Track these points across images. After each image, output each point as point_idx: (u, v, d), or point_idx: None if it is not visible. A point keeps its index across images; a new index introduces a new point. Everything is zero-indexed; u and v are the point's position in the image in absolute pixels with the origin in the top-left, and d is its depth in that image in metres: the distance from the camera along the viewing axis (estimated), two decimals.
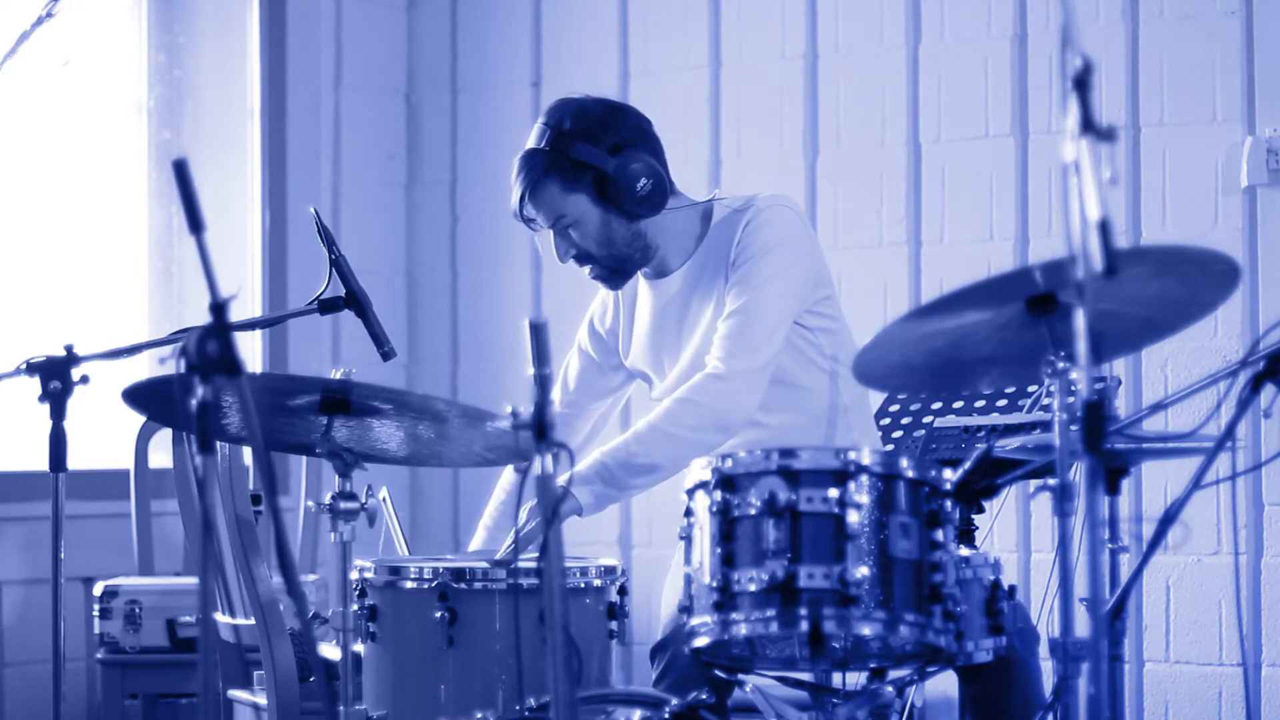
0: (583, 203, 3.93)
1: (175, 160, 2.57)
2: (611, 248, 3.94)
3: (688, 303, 3.98)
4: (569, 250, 3.96)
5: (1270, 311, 4.74)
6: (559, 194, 3.92)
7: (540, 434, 2.79)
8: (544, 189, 3.92)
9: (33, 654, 5.16)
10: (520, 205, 3.95)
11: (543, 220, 3.94)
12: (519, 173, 3.95)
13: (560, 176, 3.92)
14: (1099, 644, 2.88)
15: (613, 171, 3.89)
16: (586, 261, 3.98)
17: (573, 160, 3.91)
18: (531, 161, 3.94)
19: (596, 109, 3.98)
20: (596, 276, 4.01)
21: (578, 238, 3.94)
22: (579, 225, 3.93)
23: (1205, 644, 4.86)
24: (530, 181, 3.93)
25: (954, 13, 5.22)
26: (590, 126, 3.95)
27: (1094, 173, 2.45)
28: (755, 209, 3.94)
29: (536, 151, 3.94)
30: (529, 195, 3.93)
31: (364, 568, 3.53)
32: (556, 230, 3.94)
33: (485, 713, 3.31)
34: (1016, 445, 3.29)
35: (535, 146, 3.95)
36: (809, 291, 3.91)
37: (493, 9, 5.94)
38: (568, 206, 3.93)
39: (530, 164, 3.94)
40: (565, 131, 3.94)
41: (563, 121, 3.95)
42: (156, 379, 3.44)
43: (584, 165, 3.91)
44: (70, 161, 5.54)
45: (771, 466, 3.00)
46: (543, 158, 3.93)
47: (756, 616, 2.97)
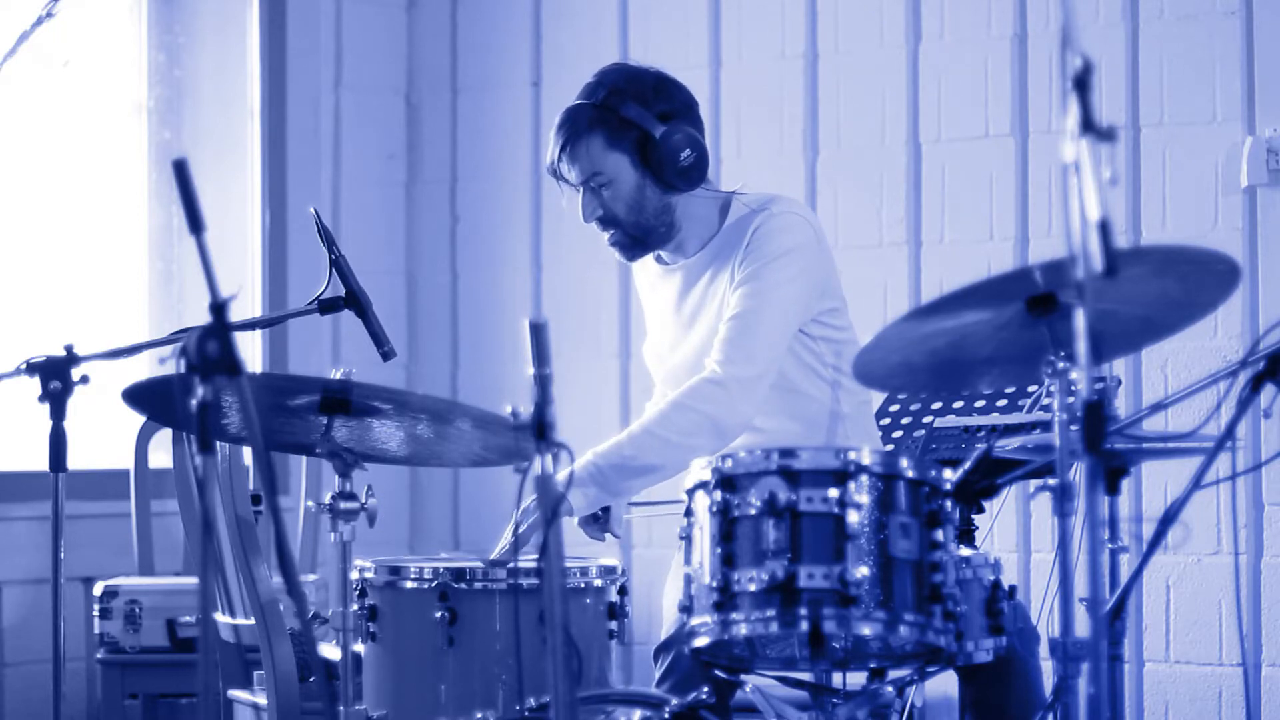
0: (622, 163, 3.90)
1: (175, 160, 2.57)
2: (640, 215, 3.90)
3: (693, 294, 3.97)
4: (595, 210, 3.91)
5: (1270, 311, 4.73)
6: (600, 150, 3.89)
7: (540, 434, 2.79)
8: (586, 142, 3.88)
9: (33, 654, 5.16)
10: (558, 156, 3.90)
11: (577, 175, 3.89)
12: (562, 124, 3.91)
13: (605, 132, 3.89)
14: (1099, 644, 2.88)
15: (659, 137, 3.87)
16: (610, 226, 3.92)
17: (621, 118, 3.89)
18: (578, 113, 3.91)
19: (650, 75, 3.97)
20: (615, 243, 3.95)
21: (608, 198, 3.90)
22: (613, 185, 3.89)
23: (1205, 644, 4.86)
24: (573, 133, 3.89)
25: (954, 13, 5.22)
26: (643, 90, 3.93)
27: (1094, 173, 2.45)
28: (769, 213, 3.91)
29: (585, 105, 3.91)
30: (569, 146, 3.89)
31: (364, 568, 3.53)
32: (588, 187, 3.90)
33: (485, 713, 3.31)
34: (1016, 445, 3.29)
35: (585, 100, 3.91)
36: (814, 302, 3.89)
37: (493, 9, 5.94)
38: (606, 164, 3.89)
39: (576, 116, 3.90)
40: (617, 89, 3.92)
41: (617, 80, 3.93)
42: (156, 379, 3.44)
43: (631, 125, 3.89)
44: (70, 161, 5.54)
45: (772, 466, 3.00)
46: (590, 111, 3.90)
47: (756, 616, 2.97)
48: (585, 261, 5.74)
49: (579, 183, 3.90)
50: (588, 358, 5.72)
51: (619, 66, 4.00)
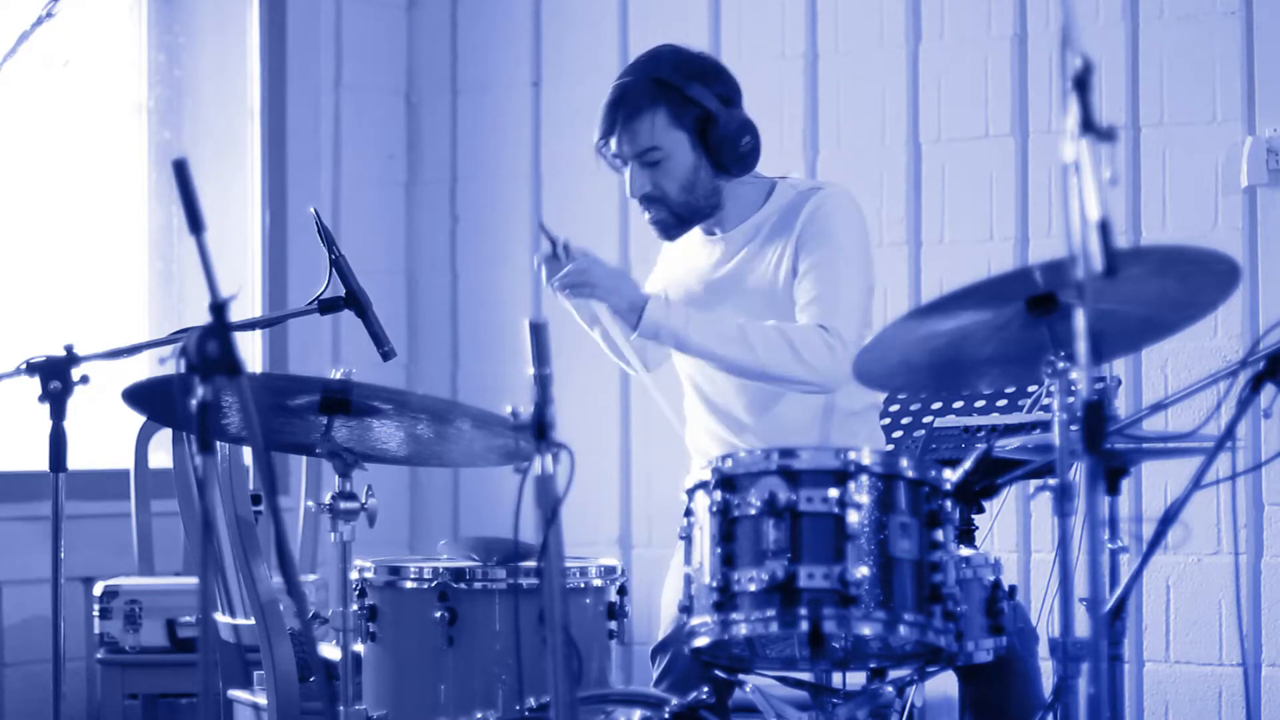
0: (681, 141, 3.88)
1: (175, 160, 2.57)
2: (691, 195, 3.88)
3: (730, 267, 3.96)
4: (644, 186, 3.88)
5: (1270, 311, 4.74)
6: (663, 125, 3.86)
7: (540, 434, 2.79)
8: (648, 116, 3.85)
9: (33, 654, 5.16)
10: (617, 127, 3.86)
11: (631, 148, 3.86)
12: (624, 96, 3.87)
13: (669, 108, 3.85)
14: (1099, 644, 2.88)
15: (721, 120, 3.85)
16: (656, 204, 3.90)
17: (685, 96, 3.86)
18: (641, 87, 3.86)
19: (708, 59, 3.96)
20: (657, 221, 3.93)
21: (660, 176, 3.88)
22: (667, 163, 3.87)
23: (1205, 644, 4.86)
24: (636, 106, 3.85)
25: (954, 13, 5.22)
26: (705, 71, 3.92)
27: (1094, 173, 2.45)
28: (825, 193, 3.92)
29: (649, 79, 3.86)
30: (631, 118, 3.85)
31: (364, 568, 3.53)
32: (642, 162, 3.87)
33: (485, 713, 3.31)
34: (1016, 445, 3.29)
35: (645, 75, 3.87)
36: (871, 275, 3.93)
37: (493, 9, 5.94)
38: (666, 140, 3.86)
39: (639, 89, 3.86)
40: (681, 68, 3.89)
41: (677, 59, 3.90)
42: (156, 379, 3.44)
43: (695, 105, 3.87)
44: (70, 161, 5.54)
45: (771, 466, 3.00)
46: (654, 86, 3.85)
47: (756, 616, 2.97)
48: None
49: (632, 156, 3.87)
50: (588, 358, 5.71)
51: (673, 47, 3.95)
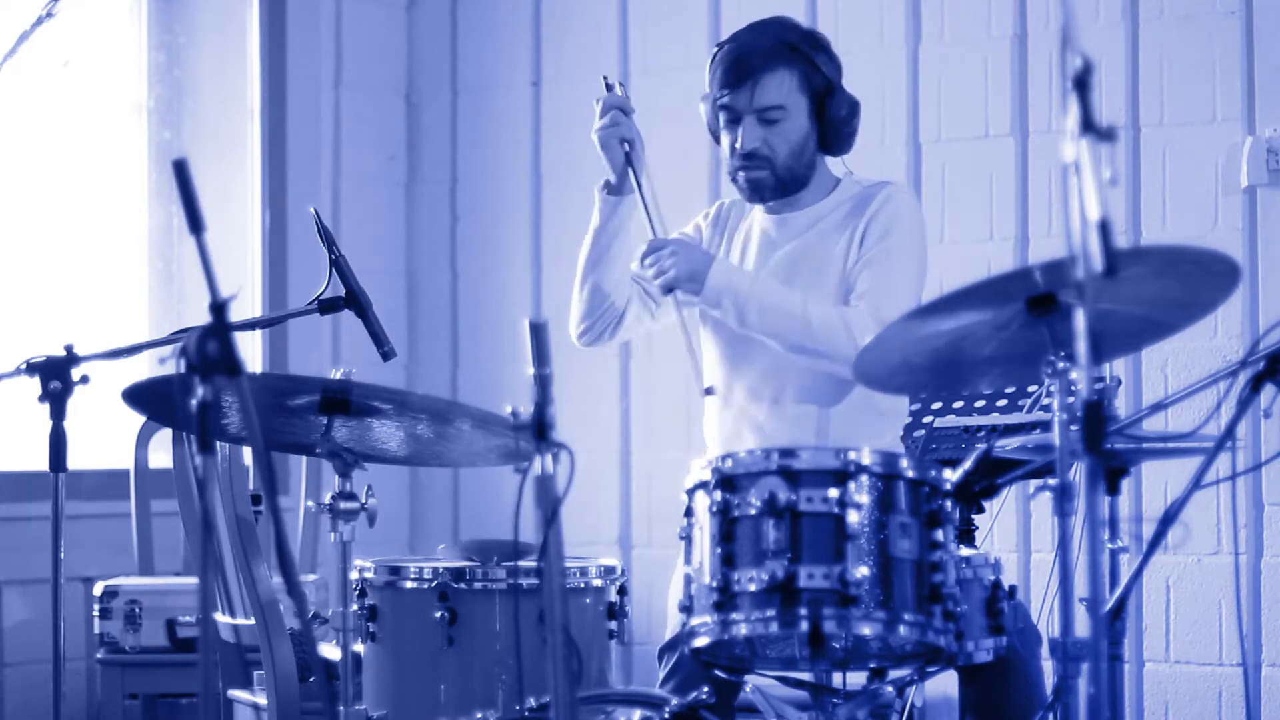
0: (802, 107, 3.94)
1: (175, 160, 2.57)
2: (796, 161, 3.94)
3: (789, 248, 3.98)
4: (756, 141, 3.92)
5: (1270, 311, 4.74)
6: (790, 87, 3.93)
7: (540, 434, 2.79)
8: (780, 74, 3.92)
9: (33, 654, 5.16)
10: (749, 79, 3.91)
11: (756, 101, 3.92)
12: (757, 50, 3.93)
13: (800, 72, 3.93)
14: (1099, 644, 2.88)
15: (839, 96, 3.94)
16: (761, 163, 3.93)
17: (814, 64, 3.94)
18: (776, 47, 3.93)
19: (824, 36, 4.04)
20: (754, 180, 3.95)
21: (775, 136, 3.93)
22: (785, 124, 3.93)
23: (1205, 644, 4.86)
24: (769, 62, 3.92)
25: (954, 13, 5.22)
26: (826, 46, 4.01)
27: (1094, 173, 2.45)
28: (894, 187, 3.99)
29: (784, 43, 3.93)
30: (766, 71, 3.91)
31: (364, 568, 3.53)
32: (762, 118, 3.92)
33: (485, 713, 3.31)
34: (1016, 445, 3.29)
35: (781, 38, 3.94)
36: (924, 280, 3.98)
37: (493, 9, 5.94)
38: (790, 101, 3.93)
39: (774, 48, 3.93)
40: (812, 38, 3.99)
41: (804, 29, 3.99)
42: (156, 379, 3.44)
43: (823, 75, 3.95)
44: (70, 161, 5.54)
45: (771, 466, 3.00)
46: (788, 50, 3.93)
47: (756, 616, 2.97)
48: None
49: (752, 110, 3.92)
50: (588, 358, 5.71)
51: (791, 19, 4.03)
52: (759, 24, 4.02)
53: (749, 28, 4.02)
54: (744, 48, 3.94)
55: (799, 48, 3.93)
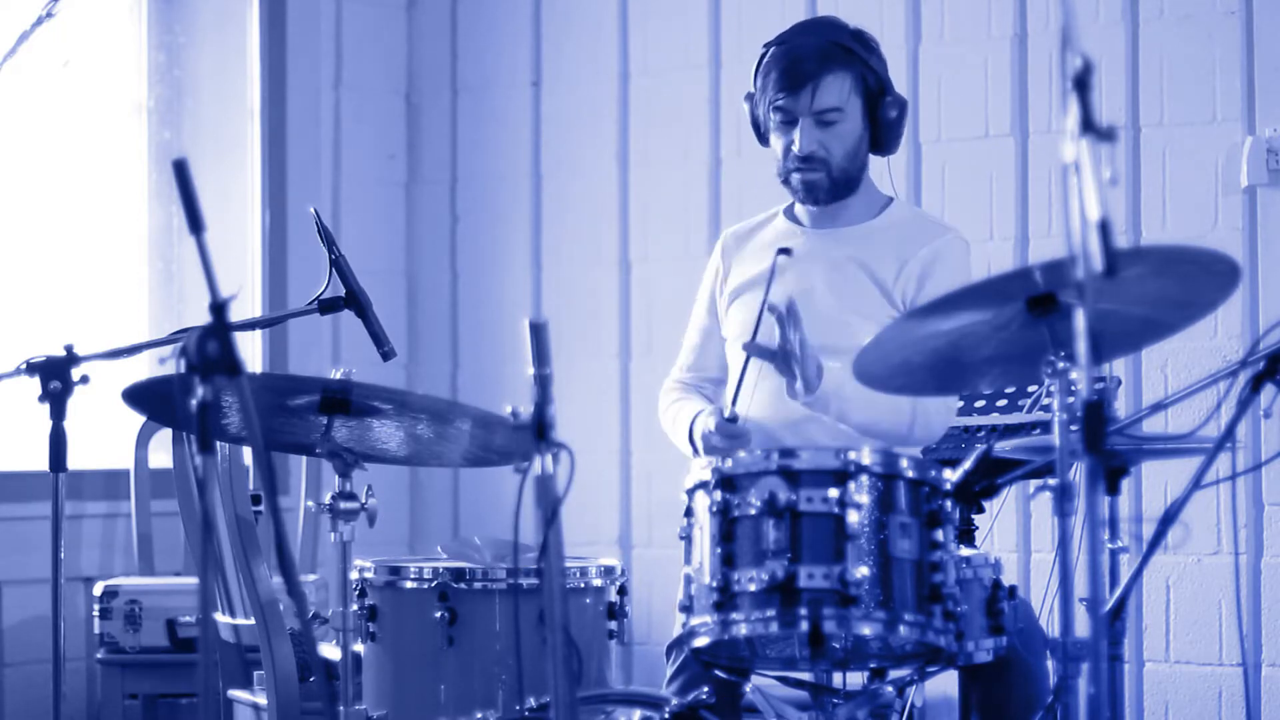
0: (857, 108, 3.95)
1: (175, 160, 2.58)
2: (851, 164, 3.95)
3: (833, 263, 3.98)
4: (814, 144, 3.93)
5: (1270, 311, 4.73)
6: (848, 89, 3.94)
7: (540, 434, 2.79)
8: (838, 75, 3.93)
9: (33, 654, 5.16)
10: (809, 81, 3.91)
11: (816, 104, 3.92)
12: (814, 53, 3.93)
13: (856, 73, 3.94)
14: (1099, 644, 2.89)
15: (891, 97, 3.96)
16: (818, 165, 3.94)
17: (868, 66, 3.96)
18: (832, 49, 3.93)
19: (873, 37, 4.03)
20: (810, 182, 3.96)
21: (831, 138, 3.94)
22: (841, 126, 3.94)
23: (1205, 644, 4.86)
24: (827, 64, 3.92)
25: (954, 13, 5.22)
26: (876, 48, 4.01)
27: (1094, 173, 2.45)
28: (956, 235, 4.01)
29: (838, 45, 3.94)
30: (826, 73, 3.91)
31: (364, 568, 3.53)
32: (819, 120, 3.93)
33: (485, 713, 3.32)
34: (1016, 445, 3.29)
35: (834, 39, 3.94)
36: None
37: (493, 9, 5.95)
38: (847, 102, 3.94)
39: (830, 50, 3.93)
40: (865, 39, 3.99)
41: (854, 30, 3.98)
42: (156, 379, 3.44)
43: (876, 76, 3.96)
44: (70, 161, 5.54)
45: (771, 466, 3.00)
46: (843, 51, 3.94)
47: (756, 616, 2.97)
48: (585, 261, 5.75)
49: (810, 113, 3.92)
50: (588, 358, 5.72)
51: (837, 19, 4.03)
52: (809, 25, 4.05)
53: (799, 29, 4.04)
54: (799, 50, 3.95)
55: (853, 49, 3.94)
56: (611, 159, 5.72)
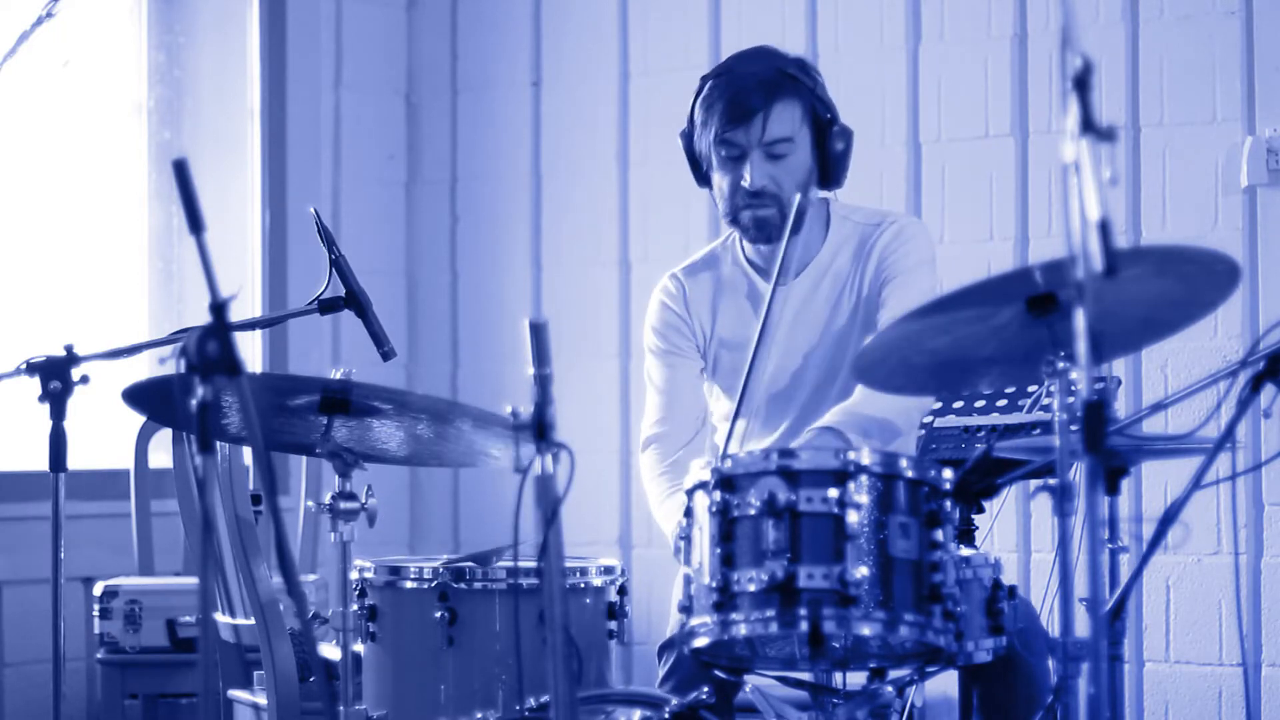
0: (807, 138, 3.83)
1: (175, 160, 2.58)
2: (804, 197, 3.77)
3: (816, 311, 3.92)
4: (765, 177, 3.80)
5: (1270, 311, 4.74)
6: (798, 118, 3.81)
7: (540, 434, 2.79)
8: (788, 104, 3.81)
9: (33, 654, 5.16)
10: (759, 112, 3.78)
11: (765, 134, 3.79)
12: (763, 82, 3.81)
13: (804, 104, 3.82)
14: (1099, 644, 2.89)
15: (839, 127, 3.85)
16: (770, 200, 3.81)
17: (816, 95, 3.85)
18: (780, 78, 3.82)
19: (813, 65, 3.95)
20: (762, 219, 3.82)
21: (782, 171, 3.81)
22: (791, 158, 3.82)
23: (1205, 644, 4.86)
24: (776, 93, 3.80)
25: (954, 13, 5.22)
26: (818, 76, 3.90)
27: (1094, 173, 2.45)
28: (899, 224, 3.91)
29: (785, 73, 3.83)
30: (777, 102, 3.79)
31: (364, 568, 3.53)
32: (770, 151, 3.80)
33: (485, 713, 3.31)
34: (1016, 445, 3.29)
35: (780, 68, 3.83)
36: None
37: (493, 9, 5.95)
38: (798, 133, 3.81)
39: (778, 79, 3.81)
40: (803, 67, 3.88)
41: (795, 59, 3.88)
42: (156, 379, 3.44)
43: (825, 106, 3.85)
44: (70, 161, 5.54)
45: (771, 467, 3.00)
46: (790, 80, 3.83)
47: (756, 617, 2.97)
48: (585, 261, 5.75)
49: (760, 145, 3.81)
50: (588, 358, 5.72)
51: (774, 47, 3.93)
52: (748, 55, 3.90)
53: (738, 59, 3.90)
54: (745, 79, 3.82)
55: (799, 78, 3.83)
56: (611, 159, 5.72)
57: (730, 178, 3.84)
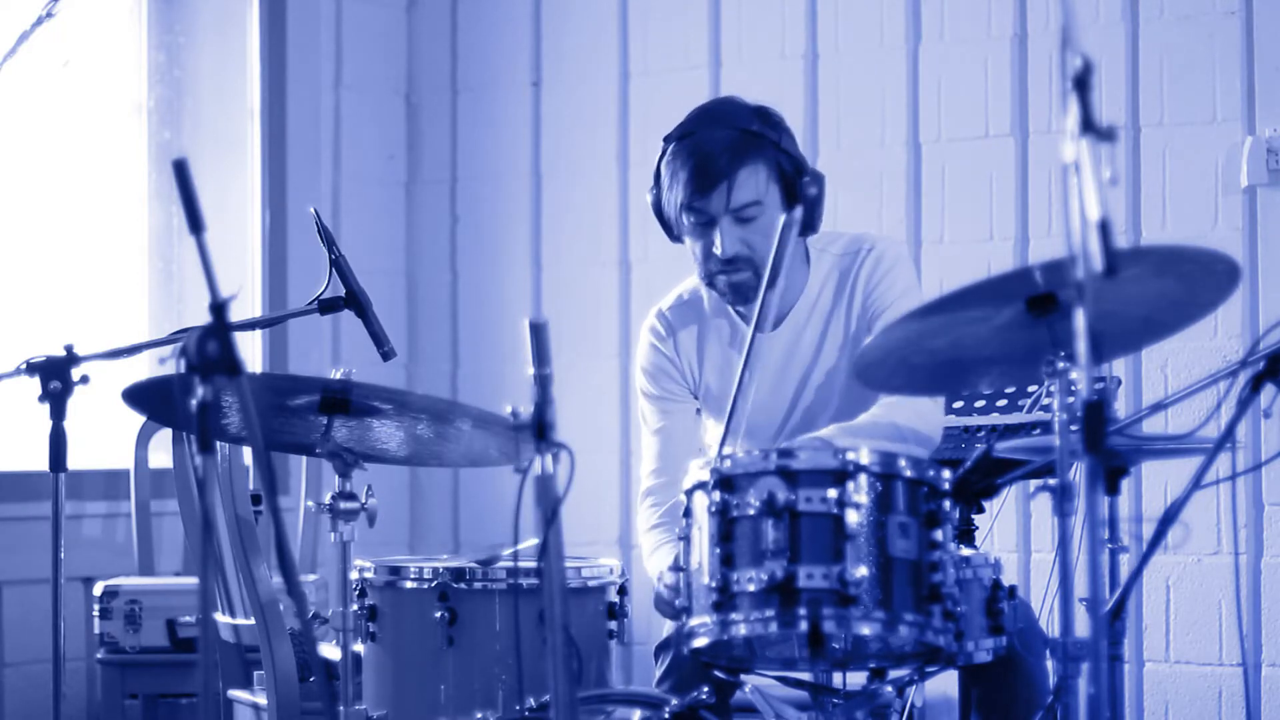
0: (776, 196, 3.72)
1: (175, 160, 2.58)
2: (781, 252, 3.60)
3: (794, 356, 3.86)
4: (736, 246, 3.70)
5: (1270, 311, 4.74)
6: (764, 179, 3.70)
7: (540, 434, 2.79)
8: (751, 168, 3.69)
9: (33, 654, 5.16)
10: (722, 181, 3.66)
11: (734, 200, 3.68)
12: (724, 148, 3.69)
13: (770, 161, 3.70)
14: (1099, 644, 2.89)
15: (809, 174, 3.72)
16: (742, 265, 3.72)
17: (779, 148, 3.73)
18: (741, 139, 3.69)
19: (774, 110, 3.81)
20: (737, 284, 3.74)
21: (753, 234, 3.71)
22: (762, 219, 3.70)
23: (1205, 644, 4.86)
24: (740, 158, 3.68)
25: (954, 13, 5.22)
26: (781, 123, 3.77)
27: (1094, 173, 2.45)
28: (881, 248, 3.83)
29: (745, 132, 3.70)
30: (736, 169, 3.67)
31: (364, 568, 3.53)
32: (739, 217, 3.70)
33: (485, 713, 3.32)
34: (1016, 445, 3.29)
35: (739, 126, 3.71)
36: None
37: (493, 9, 5.95)
38: (765, 195, 3.71)
39: (740, 141, 3.69)
40: (770, 115, 3.77)
41: (756, 109, 3.76)
42: (156, 379, 3.44)
43: (790, 158, 3.73)
44: (70, 161, 5.54)
45: (770, 467, 3.00)
46: (751, 138, 3.70)
47: (756, 617, 2.97)
48: (585, 261, 5.75)
49: (728, 212, 3.70)
50: (588, 358, 5.72)
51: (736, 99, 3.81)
52: (708, 113, 3.78)
53: (699, 119, 3.77)
54: (706, 145, 3.69)
55: (763, 134, 3.71)
56: (611, 159, 5.72)
57: (701, 244, 3.75)
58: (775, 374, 3.86)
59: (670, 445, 3.93)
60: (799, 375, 3.87)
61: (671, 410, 3.95)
